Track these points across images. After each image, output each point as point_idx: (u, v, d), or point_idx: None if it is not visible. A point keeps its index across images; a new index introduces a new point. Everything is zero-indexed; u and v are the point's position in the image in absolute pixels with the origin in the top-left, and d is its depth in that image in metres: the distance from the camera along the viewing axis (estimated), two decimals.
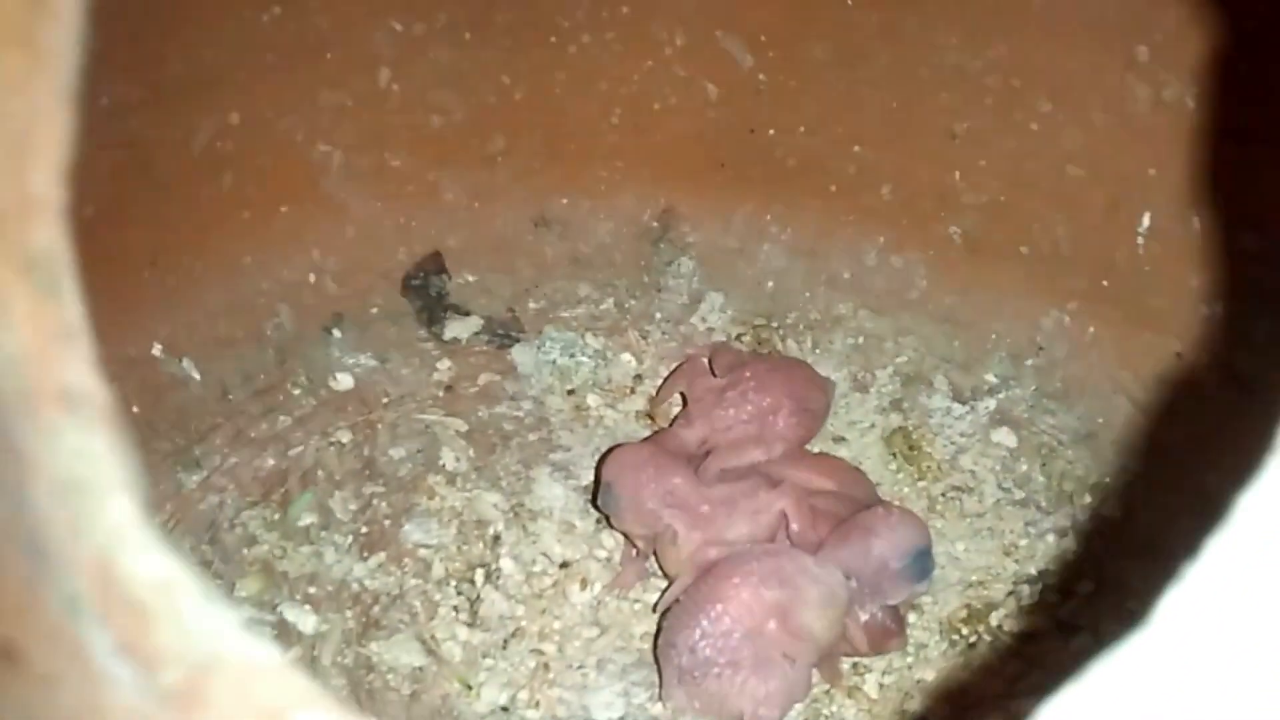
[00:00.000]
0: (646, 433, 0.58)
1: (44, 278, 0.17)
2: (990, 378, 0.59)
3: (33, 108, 0.17)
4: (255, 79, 0.50)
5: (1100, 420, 0.57)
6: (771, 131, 0.59)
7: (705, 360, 0.58)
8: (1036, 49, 0.51)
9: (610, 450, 0.54)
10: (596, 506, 0.53)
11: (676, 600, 0.49)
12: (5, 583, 0.15)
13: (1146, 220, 0.53)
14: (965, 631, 0.52)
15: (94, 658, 0.15)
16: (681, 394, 0.57)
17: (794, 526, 0.49)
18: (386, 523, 0.53)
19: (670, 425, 0.57)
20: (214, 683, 0.15)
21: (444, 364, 0.59)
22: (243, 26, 0.48)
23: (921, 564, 0.49)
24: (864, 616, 0.49)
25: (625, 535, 0.53)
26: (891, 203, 0.59)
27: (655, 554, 0.52)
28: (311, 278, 0.57)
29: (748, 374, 0.55)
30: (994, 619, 0.52)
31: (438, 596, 0.51)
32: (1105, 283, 0.55)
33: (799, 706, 0.48)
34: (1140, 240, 0.53)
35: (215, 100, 0.49)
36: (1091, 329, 0.57)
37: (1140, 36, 0.48)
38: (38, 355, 0.16)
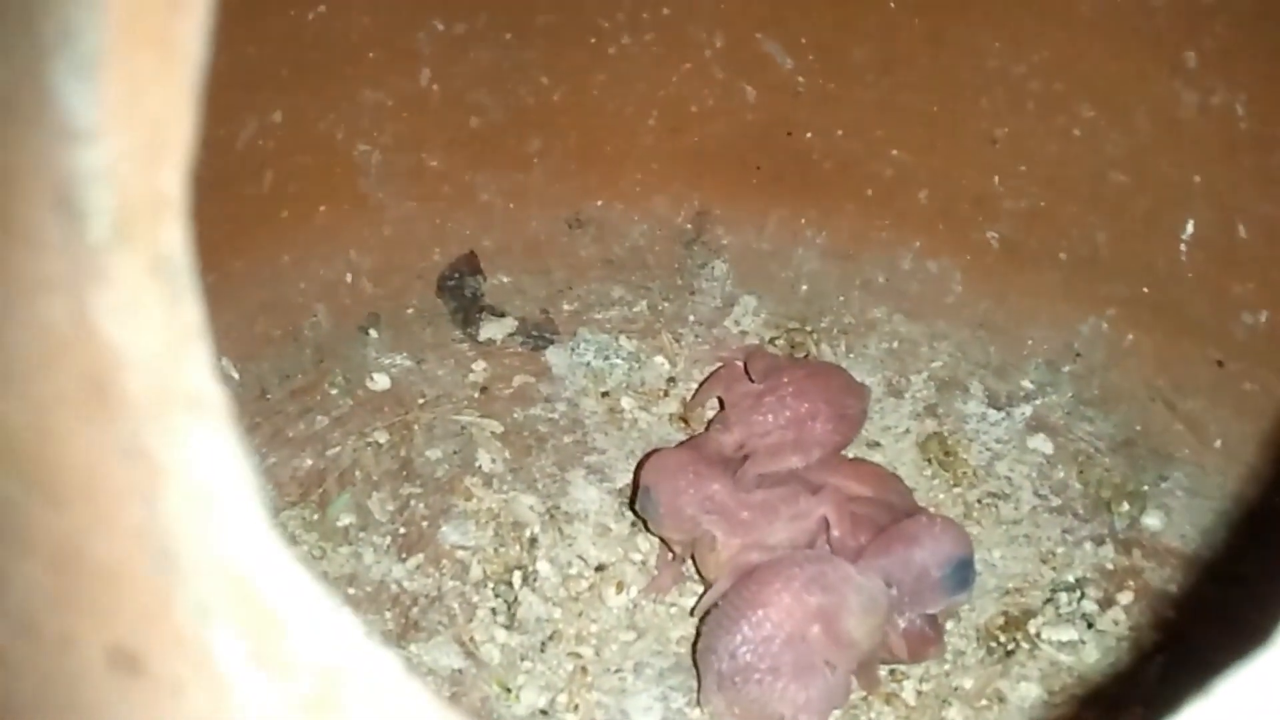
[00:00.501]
0: (680, 436, 0.58)
1: (170, 278, 0.17)
2: (1027, 384, 0.59)
3: (163, 106, 0.17)
4: (298, 77, 0.50)
5: (1138, 428, 0.57)
6: (809, 134, 0.59)
7: (741, 364, 0.58)
8: (1081, 54, 0.51)
9: (649, 455, 0.53)
10: (634, 511, 0.53)
11: (715, 605, 0.48)
12: (134, 589, 0.15)
13: (1190, 227, 0.52)
14: (1003, 639, 0.52)
15: (223, 666, 0.15)
16: (719, 398, 0.57)
17: (835, 532, 0.49)
18: (424, 524, 0.53)
19: (706, 429, 0.57)
20: (345, 692, 0.15)
21: (479, 365, 0.59)
22: (289, 24, 0.48)
23: (963, 574, 0.48)
24: (903, 624, 0.49)
25: (662, 540, 0.52)
26: (928, 207, 0.59)
27: (693, 559, 0.52)
28: (348, 277, 0.57)
29: (785, 379, 0.54)
30: (1032, 627, 0.52)
31: (476, 598, 0.51)
32: (1145, 289, 0.55)
33: (837, 713, 0.48)
34: (1183, 247, 0.53)
35: (259, 97, 0.49)
36: (1130, 336, 0.57)
37: (1189, 42, 0.48)
38: (166, 359, 0.16)
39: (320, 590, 0.16)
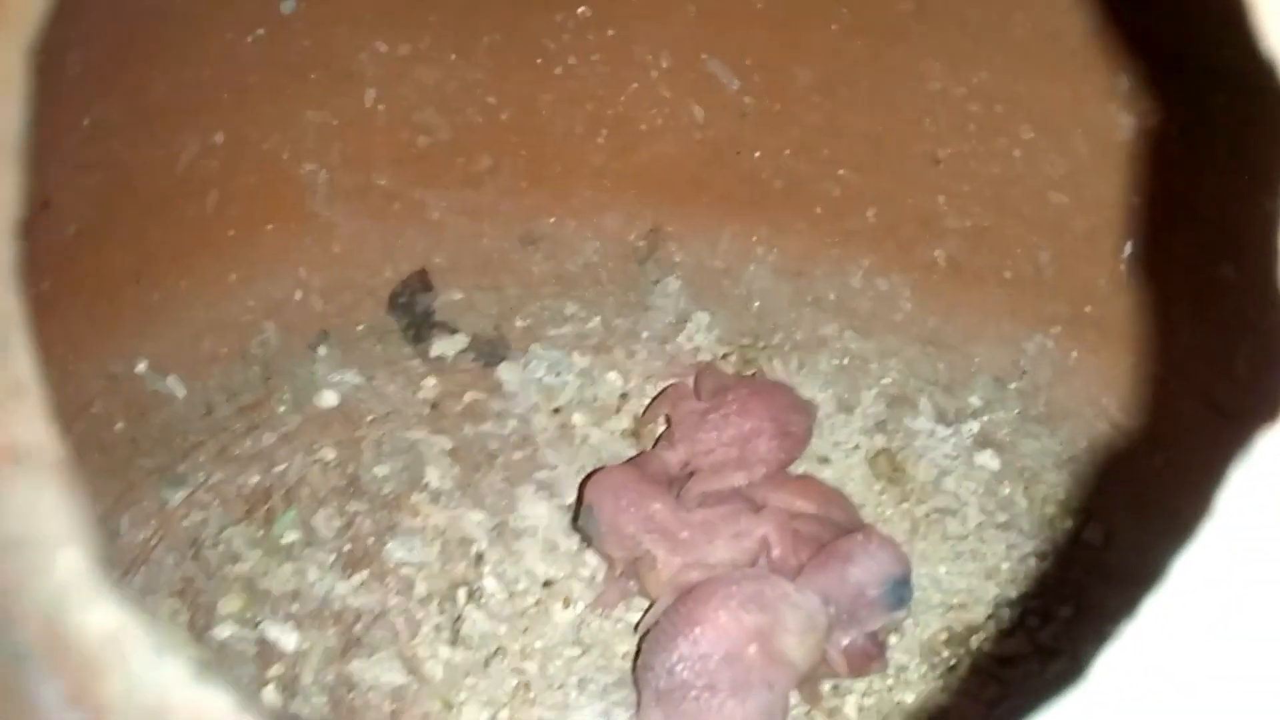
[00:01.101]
0: (632, 452, 0.58)
1: None
2: (974, 400, 0.59)
3: None
4: (239, 99, 0.50)
5: (1083, 444, 0.57)
6: (757, 154, 0.59)
7: (691, 382, 0.58)
8: (1019, 77, 0.51)
9: (592, 473, 0.54)
10: (577, 528, 0.53)
11: (655, 622, 0.49)
12: None
13: (1128, 248, 0.53)
14: (946, 654, 0.52)
15: (43, 709, 0.15)
16: (666, 416, 0.58)
17: (775, 552, 0.49)
18: (370, 540, 0.54)
19: (654, 446, 0.57)
20: None
21: (429, 381, 0.59)
22: (226, 47, 0.48)
23: (899, 592, 0.49)
24: (844, 641, 0.49)
25: (607, 559, 0.53)
26: (876, 226, 0.59)
27: (637, 579, 0.52)
28: (297, 295, 0.58)
29: (730, 397, 0.55)
30: (974, 641, 0.53)
31: (420, 615, 0.52)
32: (1088, 308, 0.56)
33: None
34: (1123, 267, 0.53)
35: (199, 120, 0.49)
36: (1074, 354, 0.57)
37: (1121, 64, 0.48)
38: None
39: (147, 632, 0.16)
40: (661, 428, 0.58)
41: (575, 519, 0.53)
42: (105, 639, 0.16)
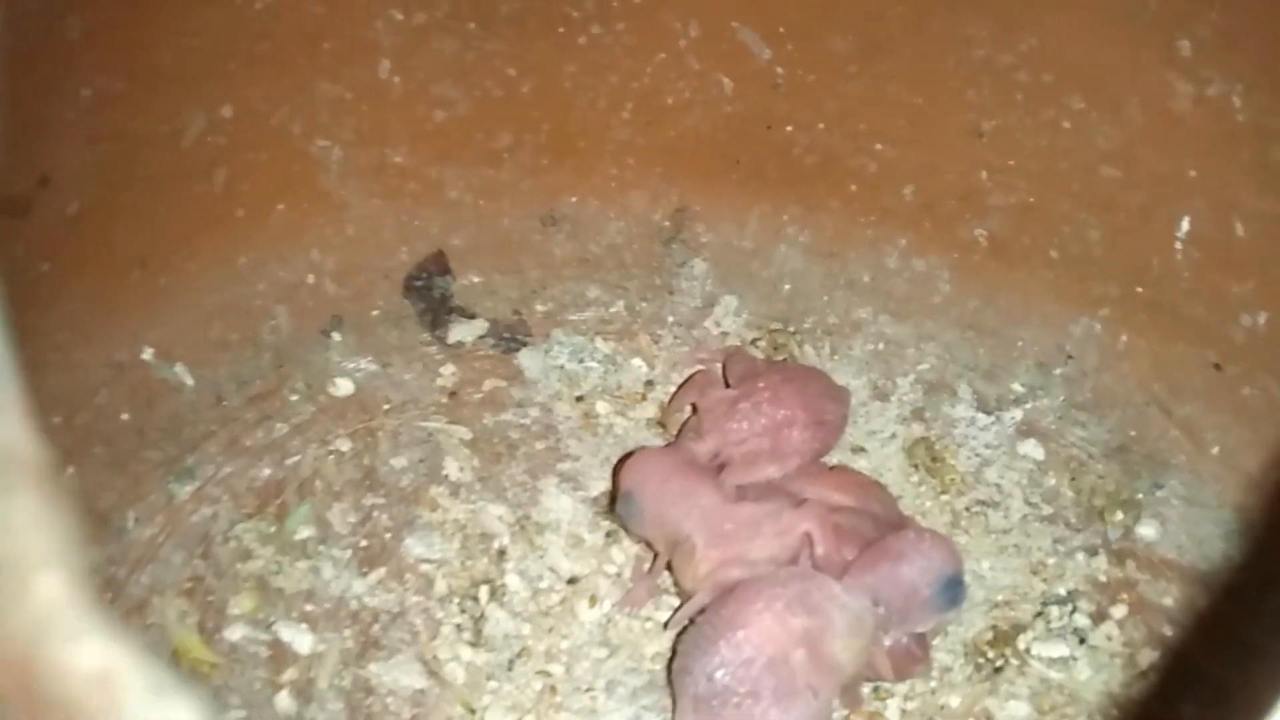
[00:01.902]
0: (658, 442, 0.56)
1: None
2: (1017, 387, 0.57)
3: None
4: (248, 70, 0.47)
5: (1132, 433, 0.54)
6: (789, 128, 0.56)
7: (719, 368, 0.56)
8: (1071, 42, 0.49)
9: (628, 455, 0.51)
10: (613, 512, 0.51)
11: (692, 621, 0.46)
12: None
13: (1185, 224, 0.50)
14: (991, 655, 0.50)
15: None
16: (693, 404, 0.55)
17: (819, 550, 0.47)
18: (387, 536, 0.51)
19: (677, 436, 0.55)
20: None
21: (448, 369, 0.57)
22: (234, 14, 0.45)
23: (953, 591, 0.46)
24: (888, 642, 0.47)
25: (647, 543, 0.50)
26: (914, 203, 0.57)
27: (670, 566, 0.49)
28: (310, 278, 0.55)
29: (761, 384, 0.52)
30: (1021, 642, 0.50)
31: (440, 614, 0.49)
32: (1139, 289, 0.53)
33: None
34: (1178, 245, 0.51)
35: (206, 92, 0.46)
36: (1124, 337, 0.54)
37: (1183, 30, 0.46)
38: None
39: (139, 670, 0.14)
40: (688, 416, 0.56)
41: (612, 504, 0.51)
42: (91, 681, 0.13)
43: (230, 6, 0.45)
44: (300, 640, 0.47)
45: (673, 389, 0.57)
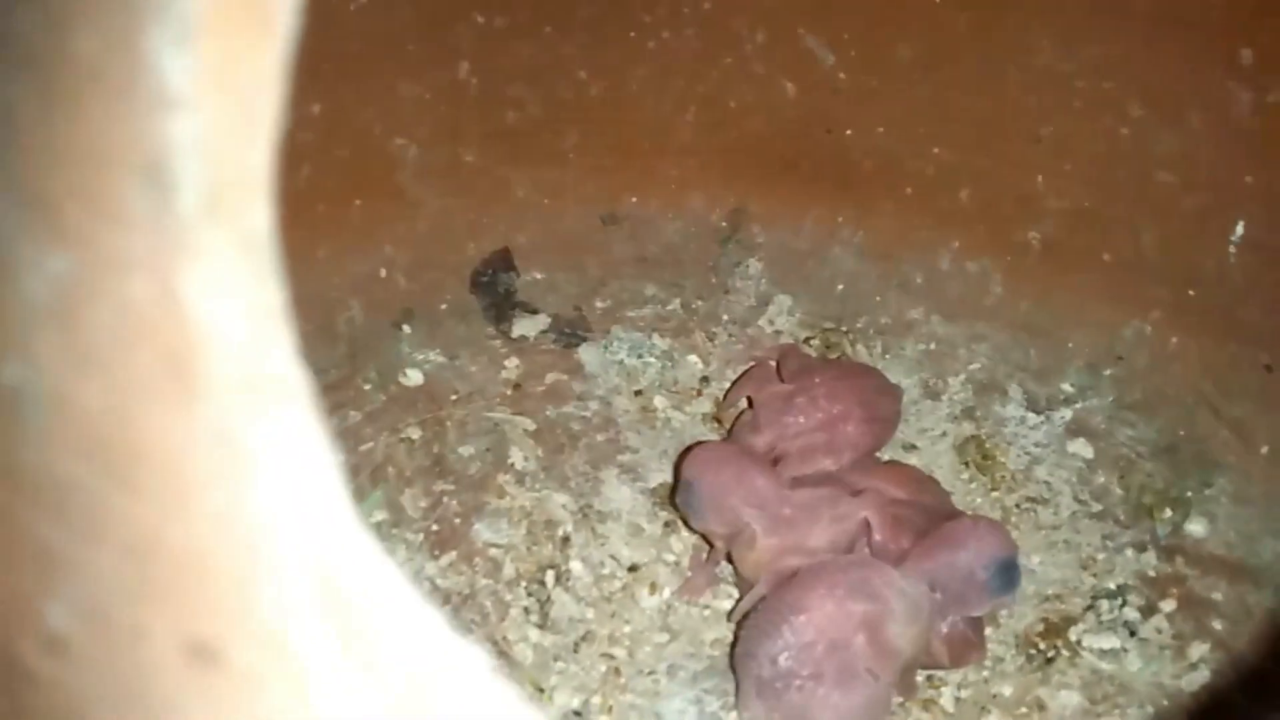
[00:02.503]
0: (714, 436, 0.57)
1: (258, 257, 0.17)
2: (1067, 387, 0.58)
3: (255, 77, 0.16)
4: (338, 69, 0.49)
5: (1181, 433, 0.56)
6: (849, 132, 0.58)
7: (773, 364, 0.57)
8: (1133, 51, 0.50)
9: (690, 447, 0.53)
10: (674, 504, 0.52)
11: (755, 609, 0.48)
12: (215, 581, 0.15)
13: (1240, 229, 0.51)
14: (1043, 646, 0.51)
15: (307, 662, 0.14)
16: (748, 398, 0.56)
17: (877, 537, 0.48)
18: (457, 521, 0.53)
19: (730, 430, 0.56)
20: (432, 693, 0.14)
21: (512, 362, 0.58)
22: (330, 15, 0.47)
23: (1008, 574, 0.47)
24: (945, 628, 0.48)
25: (703, 535, 0.52)
26: (969, 207, 0.58)
27: (730, 556, 0.51)
28: (383, 272, 0.57)
29: (817, 380, 0.54)
30: (1073, 634, 0.51)
31: (508, 597, 0.51)
32: (1191, 292, 0.54)
33: None
34: (1232, 250, 0.52)
35: (299, 89, 0.48)
36: (1174, 339, 0.56)
37: (1245, 39, 0.47)
38: (254, 340, 0.16)
39: (410, 589, 0.15)
40: (743, 410, 0.57)
41: (673, 495, 0.52)
42: (374, 595, 0.15)
43: (328, 7, 0.47)
44: None
45: (727, 385, 0.58)
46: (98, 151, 0.15)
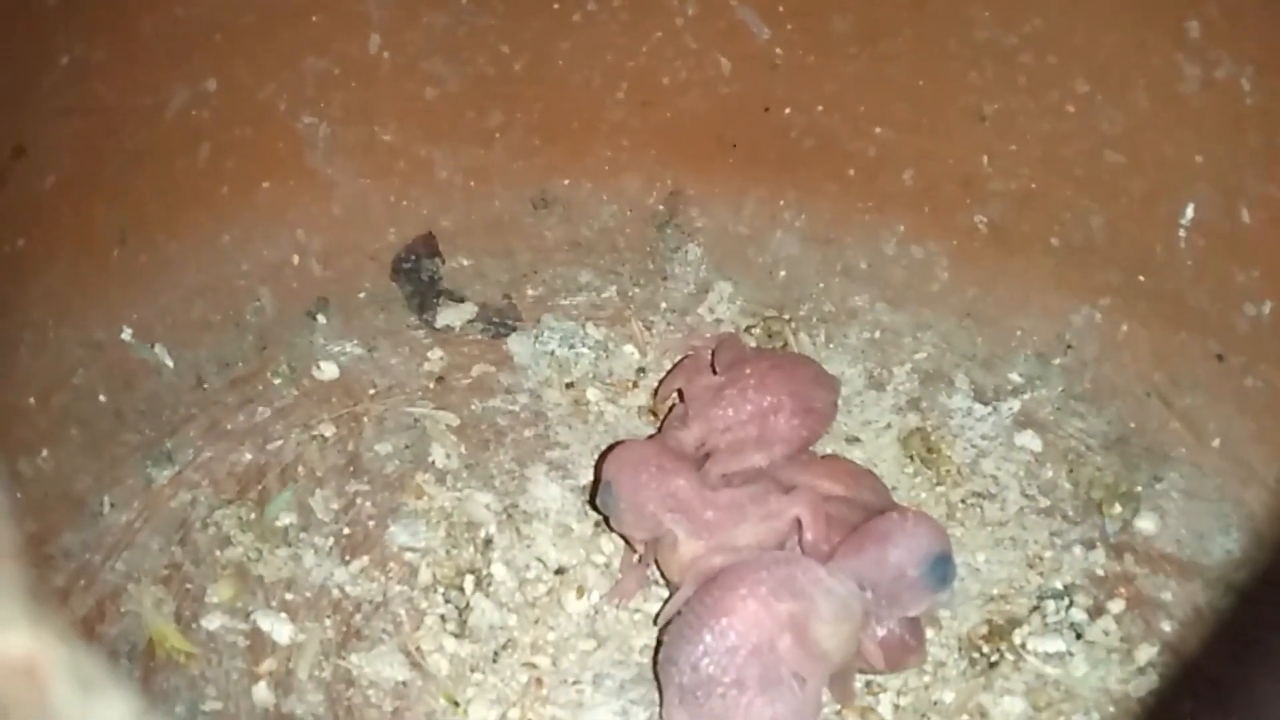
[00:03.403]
0: (650, 430, 0.55)
1: None
2: (1015, 377, 0.56)
3: None
4: (234, 42, 0.46)
5: (1132, 424, 0.53)
6: (787, 110, 0.55)
7: (708, 354, 0.55)
8: (1076, 24, 0.48)
9: (611, 447, 0.50)
10: (595, 507, 0.50)
11: (678, 612, 0.45)
12: None
13: (1190, 211, 0.49)
14: (986, 649, 0.49)
15: None
16: (679, 390, 0.54)
17: (809, 535, 0.46)
18: (371, 524, 0.50)
19: (661, 423, 0.54)
20: None
21: (435, 353, 0.56)
22: None
23: (942, 571, 0.45)
24: (880, 631, 0.46)
25: (624, 539, 0.49)
26: (913, 188, 0.56)
27: (656, 560, 0.48)
28: (295, 259, 0.54)
29: (747, 371, 0.51)
30: (1017, 636, 0.49)
31: (424, 604, 0.48)
32: (1141, 278, 0.52)
33: None
34: (1182, 233, 0.50)
35: (190, 64, 0.45)
36: (1125, 327, 0.53)
37: (1191, 10, 0.45)
38: None
39: (57, 640, 0.13)
40: (674, 404, 0.55)
41: (593, 497, 0.50)
42: (16, 672, 0.12)
43: None
44: (280, 630, 0.46)
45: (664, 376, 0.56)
46: None
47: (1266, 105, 0.44)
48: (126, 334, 0.49)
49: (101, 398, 0.48)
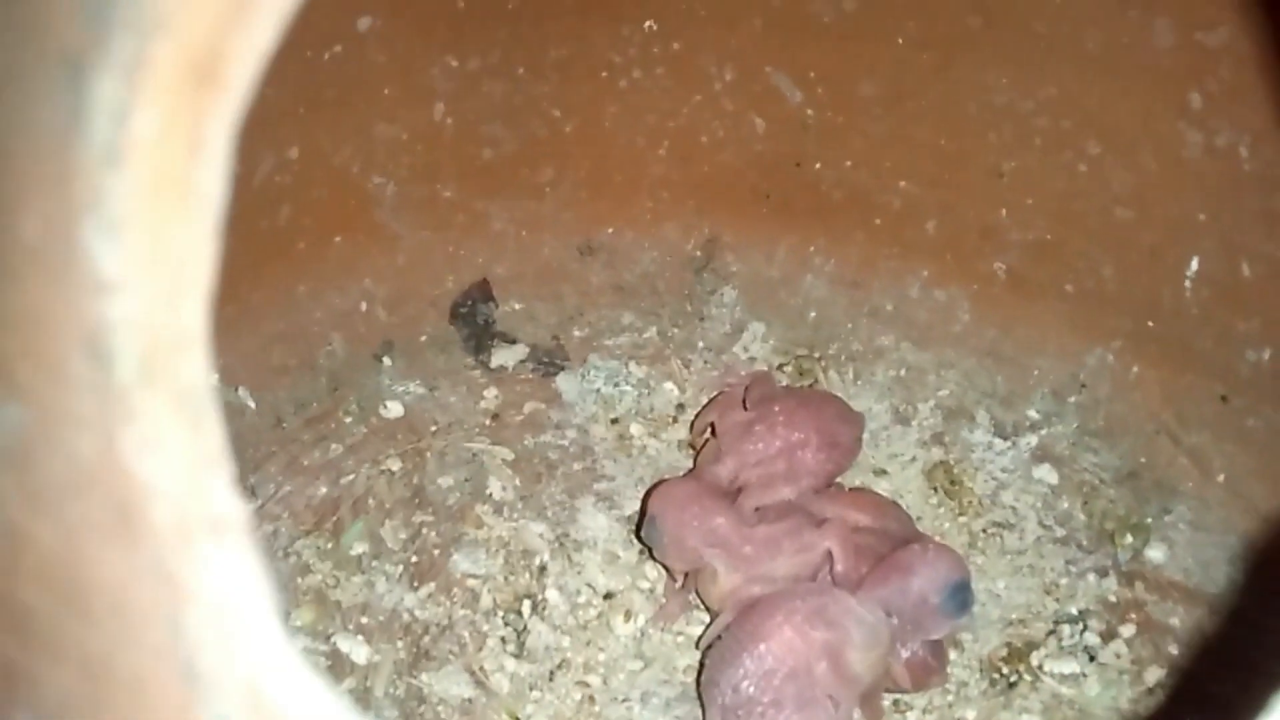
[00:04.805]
0: (689, 463, 0.58)
1: (193, 409, 0.18)
2: (1033, 414, 0.59)
3: (185, 249, 0.17)
4: (314, 114, 0.50)
5: (1143, 460, 0.57)
6: (818, 165, 0.59)
7: (740, 392, 0.58)
8: (1088, 92, 0.51)
9: (657, 484, 0.54)
10: (640, 539, 0.53)
11: (719, 637, 0.49)
12: (159, 702, 0.16)
13: (1195, 264, 0.53)
14: (1005, 670, 0.52)
15: None
16: (712, 426, 0.57)
17: (840, 567, 0.49)
18: (436, 552, 0.54)
19: (697, 456, 0.57)
20: None
21: (490, 392, 0.60)
22: (305, 65, 0.49)
23: (961, 598, 0.49)
24: (905, 653, 0.50)
25: (666, 568, 0.53)
26: (936, 237, 0.59)
27: (696, 589, 0.52)
28: (363, 306, 0.58)
29: (776, 408, 0.54)
30: (1035, 659, 0.53)
31: (486, 627, 0.52)
32: (1150, 323, 0.55)
33: None
34: (1188, 283, 0.53)
35: (276, 135, 0.50)
36: (1135, 369, 0.57)
37: (1194, 83, 0.48)
38: (190, 486, 0.17)
39: (339, 702, 0.17)
40: (709, 438, 0.58)
41: (639, 530, 0.53)
42: (305, 709, 0.16)
43: (303, 58, 0.48)
44: (357, 651, 0.50)
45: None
46: (44, 321, 0.16)
47: (1263, 171, 0.48)
48: (213, 379, 0.53)
49: None
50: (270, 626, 0.17)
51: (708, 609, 0.52)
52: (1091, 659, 0.52)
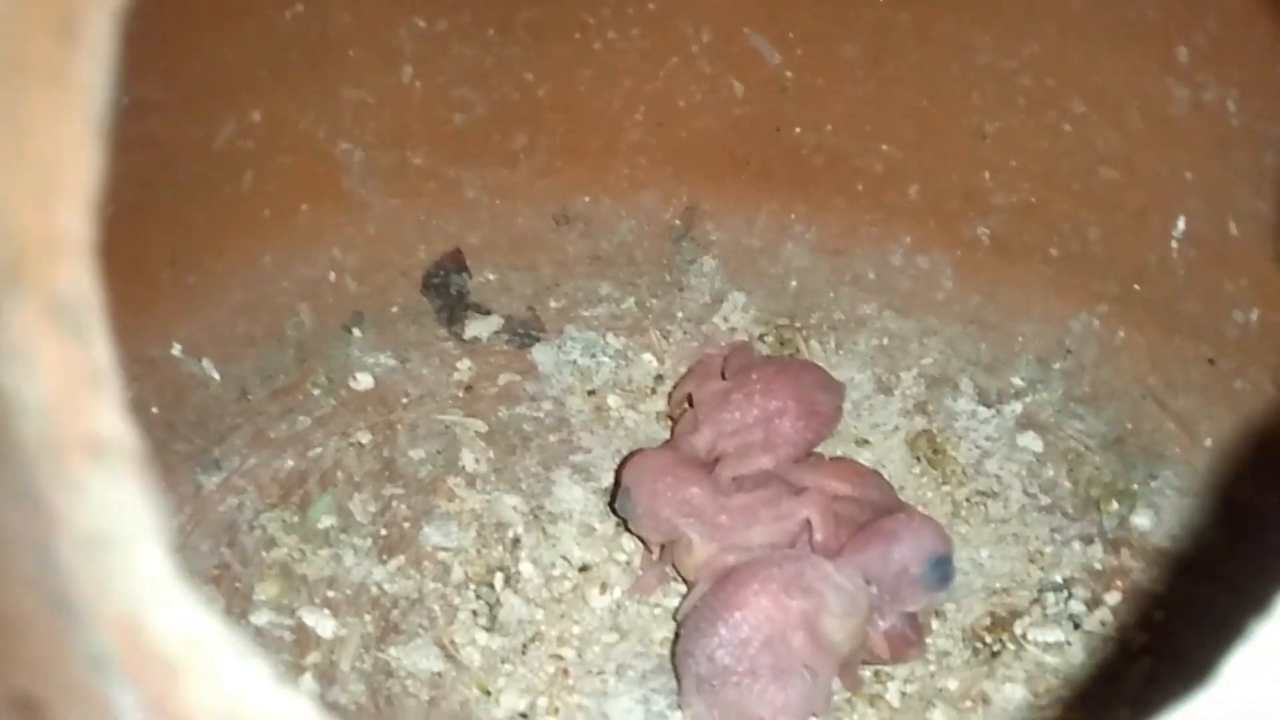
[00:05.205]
0: (667, 435, 0.57)
1: (71, 320, 0.17)
2: (1017, 381, 0.58)
3: (61, 143, 0.16)
4: (277, 77, 0.49)
5: (1129, 426, 0.56)
6: (798, 129, 0.58)
7: (718, 361, 0.57)
8: (1072, 49, 0.50)
9: (631, 454, 0.53)
10: (614, 510, 0.52)
11: (695, 607, 0.48)
12: (31, 638, 0.15)
13: (1181, 224, 0.51)
14: (989, 639, 0.52)
15: (120, 716, 0.15)
16: (689, 395, 0.56)
17: (819, 536, 0.48)
18: (406, 525, 0.53)
19: (674, 428, 0.56)
20: None
21: (464, 364, 0.59)
22: (265, 25, 0.47)
23: (942, 570, 0.48)
24: (884, 624, 0.49)
25: (642, 539, 0.52)
26: (919, 202, 0.58)
27: (673, 561, 0.51)
28: (331, 276, 0.57)
29: (754, 376, 0.53)
30: (1018, 627, 0.52)
31: (457, 600, 0.51)
32: (1137, 286, 0.54)
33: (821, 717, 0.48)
34: (1174, 244, 0.52)
35: (237, 99, 0.48)
36: (1121, 333, 0.56)
37: (1180, 37, 0.47)
38: (64, 403, 0.16)
39: (226, 635, 0.16)
40: (687, 408, 0.57)
41: (613, 501, 0.52)
42: (186, 645, 0.15)
43: (263, 18, 0.47)
44: (323, 625, 0.49)
45: None
46: None
47: (1250, 126, 0.47)
48: (176, 350, 0.52)
49: (154, 410, 0.51)
50: (155, 559, 0.16)
51: (684, 580, 0.51)
52: (1076, 627, 0.51)
